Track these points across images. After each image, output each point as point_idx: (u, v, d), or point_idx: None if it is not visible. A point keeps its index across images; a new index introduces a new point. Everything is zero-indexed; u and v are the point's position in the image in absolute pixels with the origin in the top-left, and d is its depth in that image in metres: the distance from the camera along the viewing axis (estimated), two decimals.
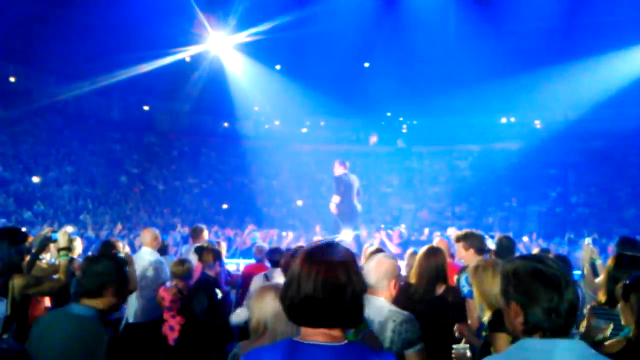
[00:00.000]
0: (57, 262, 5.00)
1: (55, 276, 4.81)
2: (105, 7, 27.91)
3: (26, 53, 29.23)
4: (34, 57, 29.37)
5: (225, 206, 25.75)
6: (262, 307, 2.98)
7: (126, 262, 3.44)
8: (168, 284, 6.98)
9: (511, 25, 25.31)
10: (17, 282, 3.94)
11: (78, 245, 7.04)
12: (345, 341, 2.06)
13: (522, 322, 2.08)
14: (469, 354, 3.44)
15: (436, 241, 7.56)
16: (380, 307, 3.48)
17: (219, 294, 6.35)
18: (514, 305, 2.11)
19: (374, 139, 33.93)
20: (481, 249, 5.55)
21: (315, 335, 2.03)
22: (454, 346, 3.51)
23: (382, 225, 15.57)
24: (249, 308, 3.09)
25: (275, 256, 6.99)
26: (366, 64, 32.06)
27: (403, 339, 3.39)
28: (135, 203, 23.28)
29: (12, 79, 28.93)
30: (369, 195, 28.31)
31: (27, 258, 4.49)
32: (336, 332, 2.04)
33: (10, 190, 20.64)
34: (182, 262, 6.98)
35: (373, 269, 3.57)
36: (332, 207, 11.12)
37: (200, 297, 6.16)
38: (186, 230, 16.30)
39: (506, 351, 2.13)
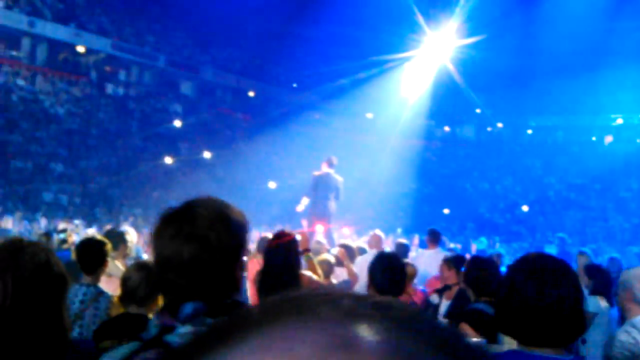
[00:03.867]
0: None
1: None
2: (328, 20, 29.39)
3: (262, 69, 32.01)
4: (268, 72, 32.04)
5: (446, 211, 25.50)
6: None
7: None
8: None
9: None
10: None
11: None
12: (572, 355, 1.90)
13: None
14: None
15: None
16: None
17: None
18: None
19: (609, 138, 31.21)
20: None
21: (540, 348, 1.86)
22: None
23: None
24: None
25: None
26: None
27: None
28: (357, 206, 24.08)
29: (251, 94, 31.91)
30: (604, 200, 25.97)
31: None
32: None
33: (250, 195, 22.74)
34: (407, 264, 7.06)
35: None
36: (300, 207, 10.51)
37: None
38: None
39: None
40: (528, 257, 2.00)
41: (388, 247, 9.43)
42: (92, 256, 3.56)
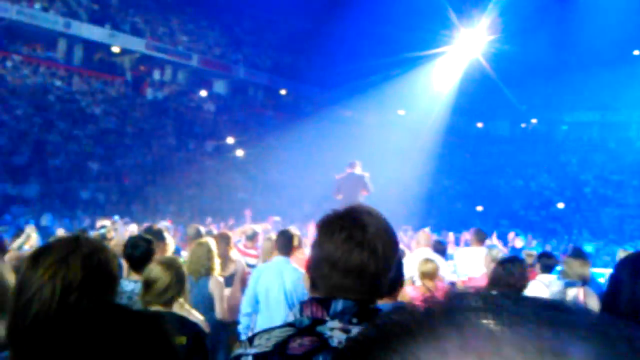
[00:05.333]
0: None
1: None
2: (359, 17, 29.33)
3: (293, 67, 32.07)
4: (300, 70, 32.08)
5: (479, 208, 25.24)
6: None
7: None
8: (418, 282, 6.97)
9: None
10: None
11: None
12: None
13: None
14: None
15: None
16: None
17: None
18: None
19: None
20: None
21: None
22: None
23: None
24: None
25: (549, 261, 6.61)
26: (636, 52, 29.02)
27: None
28: (389, 204, 23.95)
29: (282, 92, 32.02)
30: (637, 198, 25.41)
31: None
32: None
33: (283, 193, 22.83)
34: (428, 260, 6.92)
35: None
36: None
37: None
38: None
39: None
40: (633, 255, 1.89)
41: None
42: (140, 254, 3.61)
